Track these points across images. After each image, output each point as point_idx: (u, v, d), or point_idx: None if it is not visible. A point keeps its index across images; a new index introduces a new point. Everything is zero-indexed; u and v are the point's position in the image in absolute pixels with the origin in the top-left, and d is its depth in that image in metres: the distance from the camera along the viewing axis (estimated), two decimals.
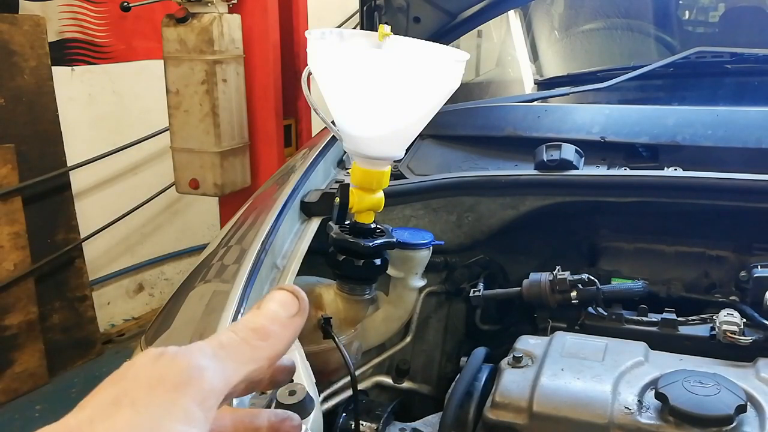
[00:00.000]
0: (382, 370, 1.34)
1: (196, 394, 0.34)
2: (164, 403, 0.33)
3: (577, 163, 1.41)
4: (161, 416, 0.32)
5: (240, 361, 0.37)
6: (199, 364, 0.35)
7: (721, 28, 2.58)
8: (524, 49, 2.47)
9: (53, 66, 2.91)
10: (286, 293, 0.42)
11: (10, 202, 2.74)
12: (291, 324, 0.41)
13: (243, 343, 0.38)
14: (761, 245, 1.29)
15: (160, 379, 0.33)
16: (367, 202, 1.09)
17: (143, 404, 0.32)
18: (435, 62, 0.99)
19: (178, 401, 0.33)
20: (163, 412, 0.32)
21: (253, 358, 0.38)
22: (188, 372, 0.34)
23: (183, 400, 0.33)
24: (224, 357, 0.37)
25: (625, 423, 0.87)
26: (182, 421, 0.32)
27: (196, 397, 0.34)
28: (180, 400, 0.33)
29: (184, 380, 0.34)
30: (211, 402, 0.34)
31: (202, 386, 0.34)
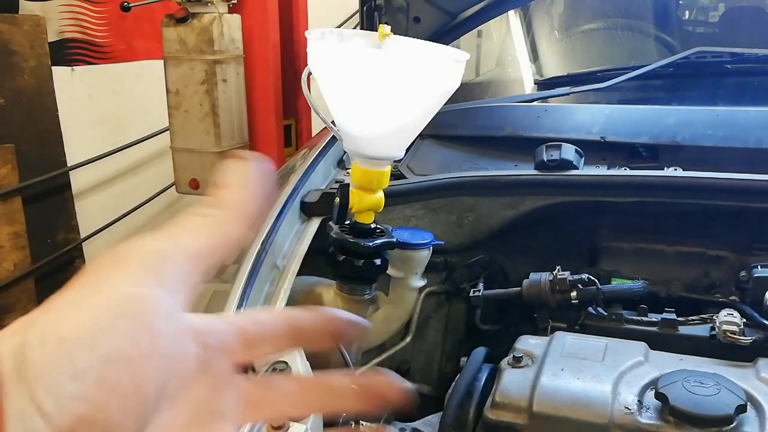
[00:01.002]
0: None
1: (140, 260, 0.32)
2: (108, 274, 0.31)
3: (577, 163, 1.41)
4: (102, 284, 0.31)
5: (198, 230, 0.35)
6: (141, 240, 0.34)
7: (721, 28, 2.57)
8: (524, 49, 2.47)
9: (53, 66, 2.91)
10: (231, 160, 0.39)
11: (10, 202, 2.74)
12: (247, 182, 0.38)
13: (197, 215, 0.36)
14: (761, 245, 1.29)
15: (107, 259, 0.32)
16: (367, 202, 1.09)
17: (84, 282, 0.31)
18: (435, 62, 0.99)
19: (119, 269, 0.32)
20: (104, 281, 0.31)
21: (213, 224, 0.36)
22: (129, 247, 0.33)
23: (124, 267, 0.32)
24: (178, 231, 0.35)
25: (625, 423, 0.87)
26: (126, 282, 0.31)
27: (142, 263, 0.32)
28: (121, 268, 0.32)
29: (129, 251, 0.33)
30: (165, 267, 0.32)
31: (148, 251, 0.33)
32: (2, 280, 2.73)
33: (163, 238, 0.34)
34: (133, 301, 0.30)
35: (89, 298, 0.30)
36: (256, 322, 0.38)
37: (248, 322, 0.38)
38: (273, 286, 1.10)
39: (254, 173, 0.38)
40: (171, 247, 0.34)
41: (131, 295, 0.31)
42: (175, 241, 0.34)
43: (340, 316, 0.40)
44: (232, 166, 0.38)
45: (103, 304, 0.30)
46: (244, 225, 0.37)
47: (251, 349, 0.37)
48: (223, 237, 0.36)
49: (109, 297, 0.30)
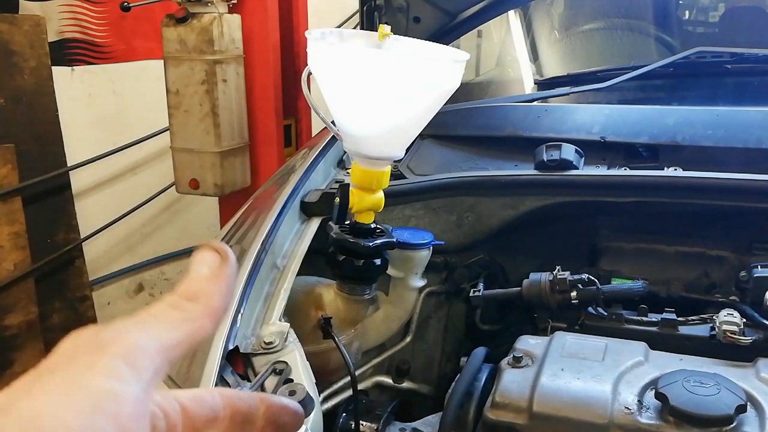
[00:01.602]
0: (382, 370, 1.34)
1: (120, 351, 0.33)
2: (85, 364, 0.32)
3: (577, 163, 1.41)
4: (81, 375, 0.31)
5: (172, 324, 0.37)
6: (124, 328, 0.34)
7: (721, 28, 2.57)
8: (524, 49, 2.47)
9: (53, 66, 2.91)
10: (204, 250, 0.41)
11: (10, 202, 2.74)
12: (217, 277, 0.40)
13: (172, 307, 0.38)
14: (761, 245, 1.29)
15: (81, 347, 0.33)
16: (367, 202, 1.09)
17: (63, 369, 0.31)
18: (435, 62, 0.99)
19: (100, 360, 0.32)
20: (82, 371, 0.31)
21: (186, 319, 0.37)
22: (111, 334, 0.33)
23: (105, 358, 0.32)
24: (154, 322, 0.36)
25: (625, 423, 0.87)
26: (105, 375, 0.31)
27: (120, 354, 0.32)
28: (102, 359, 0.32)
29: (106, 342, 0.33)
30: (140, 360, 0.33)
31: (128, 343, 0.33)
32: (2, 280, 2.72)
33: (139, 328, 0.35)
34: (110, 397, 0.31)
35: (69, 389, 0.30)
36: (200, 403, 0.39)
37: (192, 402, 0.39)
38: (273, 286, 1.10)
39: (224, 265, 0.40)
40: (146, 339, 0.35)
41: (111, 391, 0.31)
42: (150, 333, 0.35)
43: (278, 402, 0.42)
44: (203, 255, 0.40)
45: (82, 398, 0.30)
46: (213, 321, 0.38)
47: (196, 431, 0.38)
48: (193, 332, 0.37)
49: (89, 390, 0.30)
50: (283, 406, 0.42)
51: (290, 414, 0.43)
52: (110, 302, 3.49)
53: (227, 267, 0.40)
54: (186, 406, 0.38)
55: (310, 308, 1.21)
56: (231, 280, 0.40)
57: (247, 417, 0.40)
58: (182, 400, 0.38)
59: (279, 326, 1.00)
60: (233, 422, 0.40)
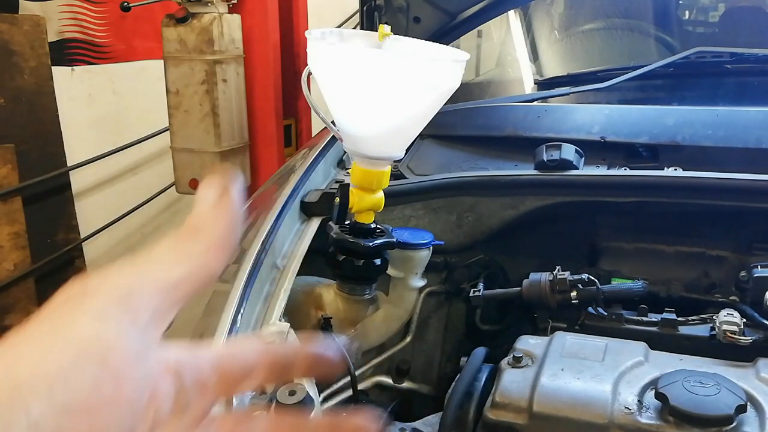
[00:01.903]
0: (382, 370, 1.34)
1: (110, 293, 0.30)
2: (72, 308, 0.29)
3: (577, 163, 1.41)
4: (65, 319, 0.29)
5: (171, 261, 0.34)
6: (115, 270, 0.32)
7: (721, 28, 2.57)
8: (524, 49, 2.47)
9: (53, 66, 2.91)
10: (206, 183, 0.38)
11: (10, 202, 2.74)
12: (220, 208, 0.37)
13: (172, 245, 0.35)
14: (761, 245, 1.29)
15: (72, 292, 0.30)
16: (367, 202, 1.09)
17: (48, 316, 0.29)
18: (435, 62, 0.99)
19: (87, 304, 0.29)
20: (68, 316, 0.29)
21: (187, 254, 0.34)
22: (101, 279, 0.31)
23: (93, 302, 0.30)
24: (151, 262, 0.34)
25: (625, 423, 0.87)
26: (91, 318, 0.29)
27: (111, 297, 0.30)
28: (89, 303, 0.30)
29: (95, 286, 0.30)
30: (134, 301, 0.30)
31: (119, 284, 0.31)
32: (2, 280, 2.73)
33: (134, 269, 0.33)
34: (97, 342, 0.28)
35: (50, 336, 0.28)
36: (234, 357, 0.37)
37: (226, 356, 0.37)
38: (273, 286, 1.10)
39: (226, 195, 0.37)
40: (141, 279, 0.32)
41: (96, 334, 0.29)
42: (146, 272, 0.33)
43: (315, 349, 0.40)
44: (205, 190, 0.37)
45: (64, 345, 0.28)
46: (218, 254, 0.35)
47: (229, 386, 0.36)
48: (196, 267, 0.34)
49: (73, 336, 0.28)
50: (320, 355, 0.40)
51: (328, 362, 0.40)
52: None
53: (229, 197, 0.37)
54: (218, 362, 0.36)
55: (310, 308, 1.21)
56: (234, 209, 0.37)
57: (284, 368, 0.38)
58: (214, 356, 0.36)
59: (279, 326, 1.00)
60: (272, 370, 0.38)
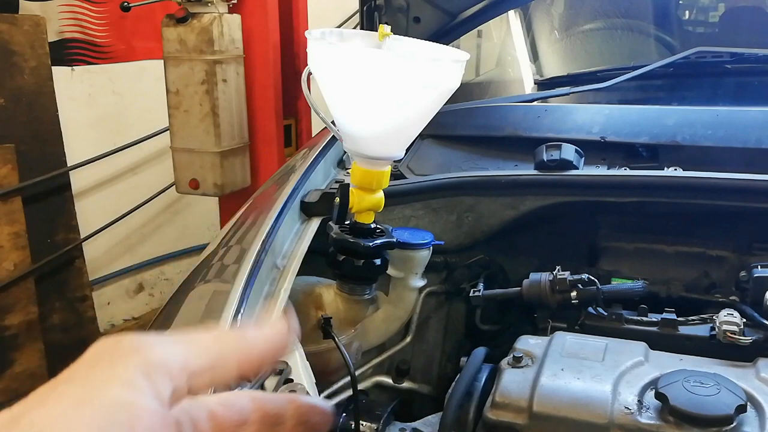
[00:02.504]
0: (382, 370, 1.34)
1: (139, 363, 0.32)
2: (103, 373, 0.31)
3: (577, 163, 1.41)
4: (96, 386, 0.30)
5: (203, 349, 0.36)
6: (149, 341, 0.33)
7: (721, 28, 2.57)
8: (524, 49, 2.47)
9: (53, 66, 2.91)
10: (283, 315, 0.41)
11: (10, 202, 2.74)
12: (272, 337, 0.39)
13: (213, 337, 0.37)
14: (761, 245, 1.29)
15: (102, 355, 0.32)
16: (367, 202, 1.09)
17: (80, 377, 0.30)
18: (435, 62, 0.99)
19: (118, 369, 0.31)
20: (99, 380, 0.30)
21: (220, 352, 0.36)
22: (134, 345, 0.32)
23: (124, 369, 0.31)
24: (186, 343, 0.35)
25: (625, 423, 0.87)
26: (121, 386, 0.30)
27: (140, 367, 0.32)
28: (120, 369, 0.31)
29: (127, 352, 0.32)
30: (159, 376, 0.32)
31: (148, 357, 0.32)
32: (2, 280, 2.73)
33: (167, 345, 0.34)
34: (127, 409, 0.30)
35: (81, 399, 0.29)
36: (229, 407, 0.38)
37: (221, 406, 0.38)
38: (273, 286, 1.10)
39: (283, 332, 0.40)
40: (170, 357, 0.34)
41: (126, 401, 0.30)
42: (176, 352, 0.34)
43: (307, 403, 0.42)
44: (278, 320, 0.40)
45: (96, 409, 0.29)
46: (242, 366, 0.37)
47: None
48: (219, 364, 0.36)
49: (103, 401, 0.30)
50: (312, 406, 0.42)
51: (320, 413, 0.42)
52: (110, 302, 3.49)
53: (285, 336, 0.39)
54: (215, 412, 0.37)
55: (310, 308, 1.21)
56: (281, 347, 0.39)
57: (276, 419, 0.40)
58: (211, 406, 0.37)
59: None
60: (263, 424, 0.39)
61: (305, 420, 0.41)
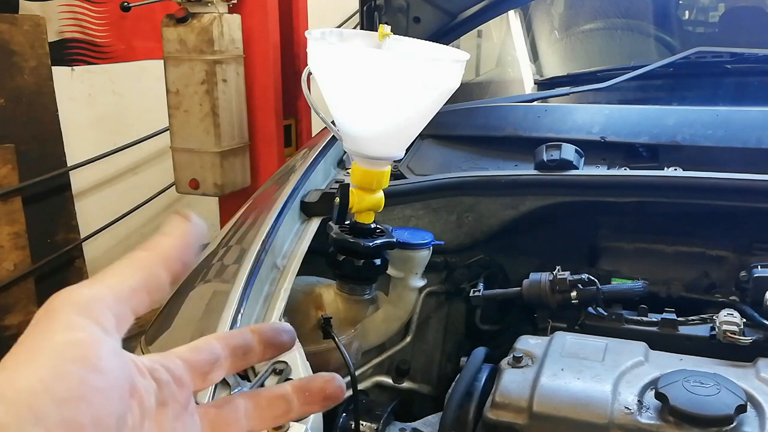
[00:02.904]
0: (382, 370, 1.34)
1: (73, 308, 0.34)
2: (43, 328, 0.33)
3: (577, 163, 1.41)
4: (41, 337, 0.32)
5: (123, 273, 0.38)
6: (73, 288, 0.35)
7: (721, 28, 2.57)
8: (524, 49, 2.47)
9: (53, 66, 2.91)
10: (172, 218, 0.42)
11: (10, 202, 2.74)
12: (175, 233, 0.41)
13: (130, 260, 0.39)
14: (761, 245, 1.29)
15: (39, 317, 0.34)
16: (367, 202, 1.09)
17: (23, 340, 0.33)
18: (435, 62, 0.99)
19: (57, 320, 0.33)
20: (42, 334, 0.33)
21: (139, 267, 0.38)
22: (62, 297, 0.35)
23: (60, 316, 0.33)
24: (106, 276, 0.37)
25: (625, 423, 0.87)
26: (62, 329, 0.33)
27: (75, 310, 0.34)
28: (57, 318, 0.33)
29: (58, 305, 0.34)
30: (97, 310, 0.34)
31: (79, 299, 0.34)
32: (2, 280, 2.72)
33: (92, 283, 0.36)
34: (75, 345, 0.32)
35: (35, 350, 0.32)
36: (200, 351, 0.41)
37: (193, 351, 0.41)
38: (273, 286, 1.10)
39: (191, 228, 0.42)
40: (98, 290, 0.36)
41: (72, 339, 0.32)
42: (101, 284, 0.36)
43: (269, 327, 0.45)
44: (173, 222, 0.42)
45: (48, 353, 0.31)
46: (167, 268, 0.39)
47: (202, 377, 0.41)
48: (146, 278, 0.38)
49: (53, 345, 0.32)
50: (274, 328, 0.45)
51: (283, 332, 0.45)
52: None
53: (189, 225, 0.42)
54: (187, 358, 0.40)
55: (310, 308, 1.21)
56: (190, 235, 0.41)
57: (245, 349, 0.43)
58: (182, 354, 0.40)
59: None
60: (235, 357, 0.43)
61: (271, 342, 0.44)
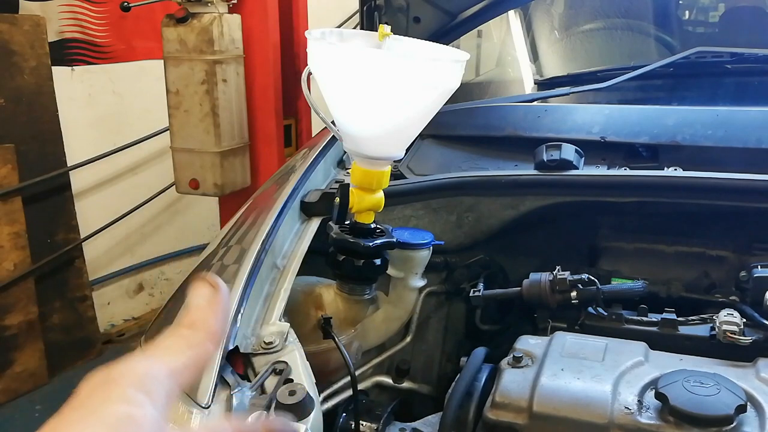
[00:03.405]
0: (382, 370, 1.34)
1: (132, 380, 0.36)
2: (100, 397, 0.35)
3: (577, 163, 1.41)
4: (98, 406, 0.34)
5: (176, 350, 0.41)
6: (132, 361, 0.38)
7: (721, 28, 2.57)
8: (524, 49, 2.47)
9: (53, 66, 2.91)
10: (198, 284, 0.46)
11: (10, 202, 2.74)
12: (212, 305, 0.45)
13: (175, 337, 0.42)
14: (761, 245, 1.29)
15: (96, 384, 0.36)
16: (367, 202, 1.09)
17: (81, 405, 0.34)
18: (435, 62, 0.99)
19: (114, 391, 0.35)
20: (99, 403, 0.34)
21: (189, 345, 0.42)
22: (121, 369, 0.37)
23: (118, 389, 0.36)
24: (161, 352, 0.41)
25: (625, 423, 0.87)
26: (120, 402, 0.35)
27: (133, 383, 0.36)
28: (116, 389, 0.36)
29: (117, 376, 0.36)
30: (152, 386, 0.37)
31: (138, 373, 0.37)
32: (2, 280, 2.72)
33: (148, 357, 0.39)
34: (129, 421, 0.34)
35: (89, 417, 0.34)
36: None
37: None
38: (273, 286, 1.10)
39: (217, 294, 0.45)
40: (155, 366, 0.39)
41: (127, 415, 0.34)
42: (157, 360, 0.40)
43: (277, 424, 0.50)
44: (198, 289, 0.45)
45: (102, 425, 0.33)
46: (214, 343, 0.43)
47: None
48: (198, 355, 0.42)
49: (108, 417, 0.34)
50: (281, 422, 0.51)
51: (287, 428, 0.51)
52: (110, 302, 3.49)
53: (220, 295, 0.45)
54: None
55: (310, 308, 1.21)
56: (225, 306, 0.46)
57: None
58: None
59: (279, 326, 1.00)
60: None
61: None
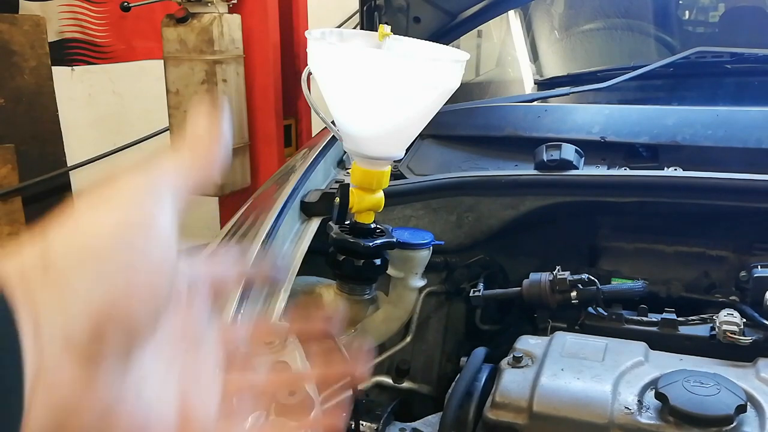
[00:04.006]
0: (382, 370, 1.34)
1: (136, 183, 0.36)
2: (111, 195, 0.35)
3: (577, 163, 1.41)
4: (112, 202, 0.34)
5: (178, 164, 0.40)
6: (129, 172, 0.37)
7: (721, 28, 2.57)
8: (524, 49, 2.47)
9: (53, 66, 2.91)
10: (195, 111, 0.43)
11: (10, 202, 2.74)
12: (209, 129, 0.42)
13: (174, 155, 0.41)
14: (761, 245, 1.29)
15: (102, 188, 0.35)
16: (367, 202, 1.09)
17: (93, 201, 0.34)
18: (435, 62, 0.99)
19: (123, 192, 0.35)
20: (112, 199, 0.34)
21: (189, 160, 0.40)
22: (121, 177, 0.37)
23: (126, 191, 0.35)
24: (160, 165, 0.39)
25: (625, 423, 0.87)
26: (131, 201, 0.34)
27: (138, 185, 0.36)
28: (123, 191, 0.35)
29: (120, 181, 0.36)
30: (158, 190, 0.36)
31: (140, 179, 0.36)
32: None
33: (149, 169, 0.38)
34: (142, 216, 0.34)
35: (104, 211, 0.33)
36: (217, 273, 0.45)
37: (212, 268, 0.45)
38: (273, 286, 1.10)
39: (218, 118, 0.43)
40: (158, 176, 0.37)
41: (140, 210, 0.34)
42: (159, 172, 0.38)
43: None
44: (198, 114, 0.43)
45: (117, 218, 0.33)
46: (210, 165, 0.41)
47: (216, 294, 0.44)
48: (199, 170, 0.40)
49: (122, 211, 0.33)
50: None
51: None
52: None
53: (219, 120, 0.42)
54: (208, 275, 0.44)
55: (309, 308, 1.21)
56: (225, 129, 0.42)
57: None
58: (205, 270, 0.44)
59: (279, 326, 0.99)
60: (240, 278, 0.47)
61: None
